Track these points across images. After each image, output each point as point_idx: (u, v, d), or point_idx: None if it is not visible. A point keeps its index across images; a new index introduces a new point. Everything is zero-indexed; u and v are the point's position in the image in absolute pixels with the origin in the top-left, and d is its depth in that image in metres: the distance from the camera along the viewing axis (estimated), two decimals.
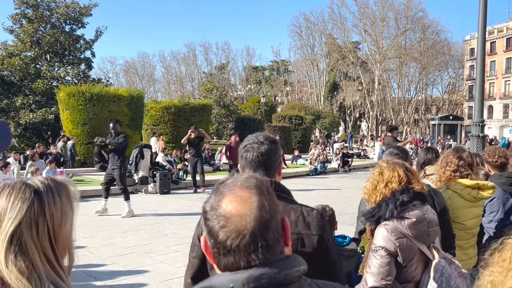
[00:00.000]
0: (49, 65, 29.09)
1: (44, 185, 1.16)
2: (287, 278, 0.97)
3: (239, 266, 0.97)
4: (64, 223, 1.16)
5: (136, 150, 13.89)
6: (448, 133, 41.77)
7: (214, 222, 0.99)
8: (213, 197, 1.03)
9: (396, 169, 2.35)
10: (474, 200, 3.22)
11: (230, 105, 42.59)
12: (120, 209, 10.32)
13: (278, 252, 1.01)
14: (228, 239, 0.97)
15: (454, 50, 65.71)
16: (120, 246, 6.98)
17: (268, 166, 1.88)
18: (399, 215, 2.25)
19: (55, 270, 1.13)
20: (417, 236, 2.26)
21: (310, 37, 66.16)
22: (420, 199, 2.32)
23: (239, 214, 0.97)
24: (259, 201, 0.99)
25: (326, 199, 11.53)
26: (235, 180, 1.05)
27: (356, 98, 64.12)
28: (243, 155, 1.89)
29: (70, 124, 19.22)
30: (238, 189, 1.01)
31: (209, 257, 1.04)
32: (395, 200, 2.26)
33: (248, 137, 1.98)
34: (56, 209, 1.15)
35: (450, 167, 3.29)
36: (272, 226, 1.00)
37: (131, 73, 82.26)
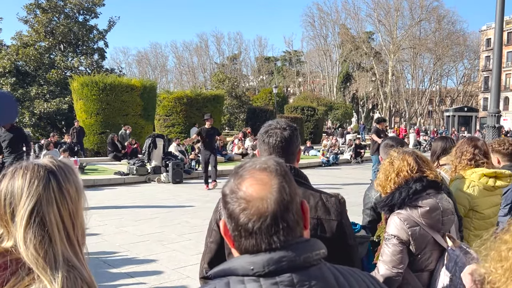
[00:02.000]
0: (63, 55, 29.32)
1: (55, 165, 1.19)
2: (307, 261, 0.97)
3: (260, 249, 0.97)
4: (79, 200, 1.18)
5: (149, 140, 13.99)
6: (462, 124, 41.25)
7: (234, 205, 0.99)
8: (232, 181, 1.03)
9: (406, 157, 2.33)
10: (492, 189, 3.18)
11: (242, 96, 42.52)
12: (133, 198, 10.43)
13: (298, 235, 1.01)
14: (249, 221, 0.97)
15: (470, 41, 64.58)
16: (133, 234, 7.06)
17: (289, 152, 1.90)
18: (413, 204, 2.24)
19: (73, 247, 1.15)
20: (431, 224, 2.25)
21: (323, 27, 65.56)
22: (435, 187, 2.30)
23: (260, 197, 0.97)
24: (279, 184, 0.99)
25: (338, 190, 11.48)
26: (254, 163, 1.05)
27: (369, 89, 63.52)
28: (266, 140, 1.90)
29: (83, 113, 19.41)
30: (258, 172, 1.01)
31: (229, 241, 1.03)
32: (408, 188, 2.25)
33: (269, 122, 1.98)
34: (71, 186, 1.18)
35: (466, 156, 3.24)
36: (293, 208, 1.00)
37: (144, 63, 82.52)
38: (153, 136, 14.34)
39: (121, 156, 17.03)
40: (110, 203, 9.73)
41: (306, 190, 1.85)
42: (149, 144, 13.84)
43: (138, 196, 10.76)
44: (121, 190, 11.65)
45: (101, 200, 9.98)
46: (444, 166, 3.80)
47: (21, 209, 1.10)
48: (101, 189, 11.65)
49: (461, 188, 3.16)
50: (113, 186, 12.28)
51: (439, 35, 59.18)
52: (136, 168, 13.17)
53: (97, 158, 18.01)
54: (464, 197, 3.11)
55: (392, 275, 2.22)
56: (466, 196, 3.11)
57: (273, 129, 1.91)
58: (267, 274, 0.94)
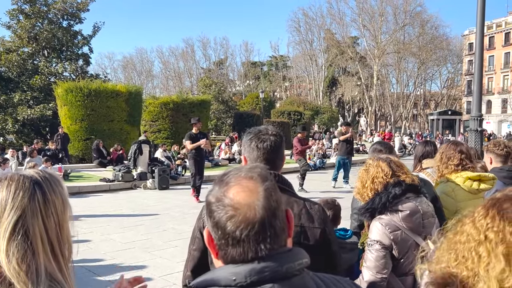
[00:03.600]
0: (47, 60, 28.95)
1: (40, 176, 1.17)
2: (289, 271, 0.97)
3: (246, 257, 0.96)
4: (65, 212, 1.17)
5: (135, 146, 13.89)
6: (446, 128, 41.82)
7: (221, 214, 0.98)
8: (217, 189, 1.02)
9: (380, 164, 2.36)
10: (476, 192, 3.22)
11: (228, 100, 42.47)
12: (119, 205, 10.33)
13: (283, 243, 1.01)
14: (237, 229, 0.96)
15: (453, 45, 65.59)
16: (119, 242, 6.99)
17: (279, 158, 1.93)
18: (393, 208, 2.26)
19: (57, 261, 1.13)
20: (412, 228, 2.27)
21: (309, 32, 65.96)
22: (414, 191, 2.32)
23: (247, 204, 0.97)
24: (266, 191, 0.99)
25: (325, 194, 11.53)
26: (239, 171, 1.04)
27: (355, 93, 64.03)
28: (258, 145, 1.89)
29: (68, 120, 19.18)
30: (244, 179, 1.01)
31: (213, 250, 1.03)
32: (387, 193, 2.27)
33: (257, 128, 1.99)
34: (57, 198, 1.16)
35: (453, 161, 3.28)
36: (279, 215, 1.00)
37: (129, 68, 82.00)
38: (139, 142, 14.23)
39: (106, 163, 16.86)
40: (96, 210, 9.63)
41: (290, 197, 1.85)
42: (135, 150, 13.73)
43: (124, 203, 10.66)
44: (107, 197, 11.54)
45: (86, 207, 9.86)
46: (426, 170, 3.85)
47: (4, 221, 1.08)
48: (86, 196, 11.52)
49: (446, 192, 3.20)
50: (99, 193, 12.15)
51: (423, 39, 59.98)
52: (121, 175, 13.05)
53: (82, 164, 17.80)
54: (449, 201, 3.14)
55: (377, 280, 2.23)
56: (450, 200, 3.15)
57: (265, 135, 1.92)
58: (250, 285, 0.94)
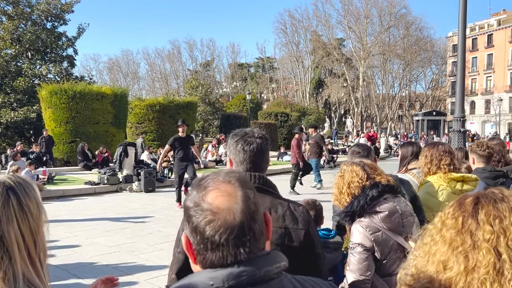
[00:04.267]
0: (31, 62, 28.58)
1: (13, 181, 1.15)
2: (267, 274, 0.97)
3: (225, 261, 0.96)
4: (40, 216, 1.15)
5: (120, 148, 13.77)
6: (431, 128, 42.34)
7: (199, 218, 0.97)
8: (195, 193, 1.01)
9: (354, 168, 2.39)
10: (460, 193, 3.27)
11: (215, 102, 42.43)
12: (104, 208, 10.23)
13: (262, 246, 1.01)
14: (216, 233, 0.96)
15: (437, 47, 66.50)
16: (104, 245, 6.92)
17: (265, 160, 1.94)
18: (372, 210, 2.28)
19: (34, 266, 1.12)
20: (392, 228, 2.29)
21: (295, 34, 66.24)
22: (391, 191, 2.35)
23: (226, 208, 0.97)
24: (244, 195, 0.99)
25: (312, 195, 11.56)
26: (216, 175, 1.04)
27: (341, 95, 64.47)
28: (245, 148, 1.89)
29: (52, 122, 18.95)
30: (222, 183, 1.01)
31: (191, 256, 1.02)
32: (365, 196, 2.29)
33: (243, 130, 1.99)
34: (32, 202, 1.15)
35: (445, 161, 3.32)
36: (258, 219, 1.01)
37: (115, 70, 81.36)
38: (125, 144, 14.12)
39: (91, 165, 16.69)
40: (80, 214, 9.51)
41: (275, 199, 1.85)
42: (120, 153, 13.62)
43: (109, 206, 10.56)
44: (92, 200, 11.42)
45: (71, 211, 9.74)
46: (412, 171, 3.90)
47: None
48: (71, 200, 11.38)
49: (430, 192, 3.24)
50: (84, 196, 12.00)
51: (408, 41, 60.68)
52: (107, 177, 12.93)
53: (66, 167, 17.58)
54: (433, 201, 3.18)
55: (360, 282, 2.25)
56: (435, 200, 3.19)
57: (251, 137, 1.92)
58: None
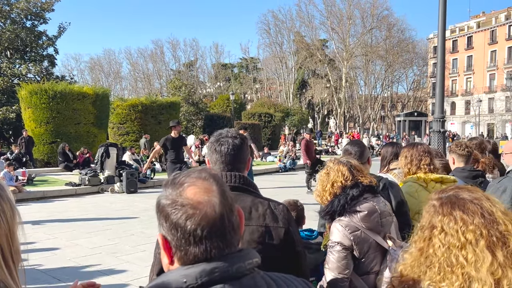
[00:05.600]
0: (10, 62, 28.03)
1: None
2: (239, 271, 0.98)
3: (209, 254, 0.97)
4: (14, 217, 1.13)
5: (102, 148, 13.62)
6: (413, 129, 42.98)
7: (178, 214, 0.98)
8: (171, 191, 1.02)
9: (340, 168, 2.41)
10: None
11: (199, 102, 42.21)
12: (85, 210, 10.10)
13: (239, 239, 1.03)
14: (198, 227, 0.97)
15: (418, 48, 67.46)
16: (85, 247, 6.83)
17: (241, 160, 1.94)
18: (351, 209, 2.32)
19: (8, 268, 1.10)
20: (371, 227, 2.33)
21: (279, 35, 66.46)
22: (371, 191, 2.39)
23: (205, 201, 0.98)
24: (220, 189, 1.02)
25: (295, 195, 11.62)
26: (189, 173, 1.05)
27: (324, 96, 64.90)
28: (217, 149, 1.92)
29: (32, 123, 18.62)
30: (197, 180, 1.02)
31: (168, 254, 1.02)
32: (346, 195, 2.33)
33: (219, 131, 2.01)
34: (5, 203, 1.12)
35: (425, 161, 3.38)
36: (235, 211, 1.04)
37: (97, 70, 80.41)
38: (106, 145, 13.97)
39: (72, 166, 16.46)
40: (61, 215, 9.37)
41: (255, 198, 1.87)
42: (102, 153, 13.46)
43: (91, 207, 10.43)
44: (73, 202, 11.26)
45: (51, 212, 9.60)
46: (393, 171, 3.95)
47: None
48: (51, 201, 11.20)
49: (410, 192, 3.29)
50: (64, 197, 11.83)
51: (390, 42, 61.41)
52: (88, 178, 12.76)
53: (47, 168, 17.30)
54: (412, 201, 3.23)
55: (339, 281, 2.27)
56: (414, 200, 3.24)
57: (224, 137, 1.93)
58: (200, 286, 0.94)
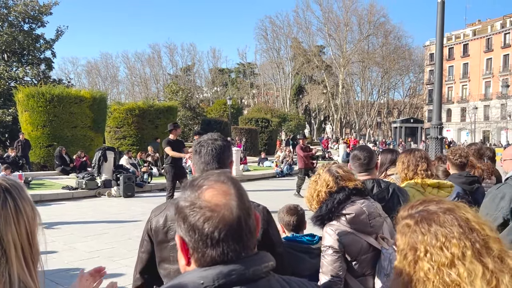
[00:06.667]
0: (7, 65, 27.99)
1: (8, 183, 1.15)
2: (256, 273, 1.00)
3: (226, 257, 0.99)
4: (35, 219, 1.15)
5: (99, 152, 13.61)
6: (409, 135, 43.09)
7: (197, 216, 0.99)
8: (189, 193, 1.03)
9: (326, 178, 2.46)
10: None
11: (196, 107, 42.27)
12: (82, 214, 10.08)
13: (255, 243, 1.05)
14: (215, 229, 0.98)
15: (415, 55, 67.89)
16: (82, 251, 6.82)
17: (221, 160, 1.99)
18: (339, 213, 2.36)
19: (29, 268, 1.11)
20: (360, 229, 2.36)
21: (276, 41, 66.73)
22: (358, 194, 2.42)
23: (223, 204, 1.00)
24: (238, 192, 1.03)
25: (293, 200, 11.63)
26: (208, 176, 1.07)
27: (321, 101, 65.10)
28: (197, 150, 2.00)
29: (29, 126, 18.58)
30: (215, 183, 1.04)
31: (185, 255, 1.03)
32: (332, 200, 2.38)
33: (202, 136, 2.11)
34: (27, 204, 1.15)
35: (422, 167, 3.42)
36: (252, 214, 1.04)
37: (94, 74, 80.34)
38: (104, 148, 13.95)
39: (69, 170, 16.42)
40: (58, 219, 9.34)
41: None
42: (99, 157, 13.46)
43: (88, 211, 10.41)
44: (70, 205, 11.24)
45: (48, 216, 9.55)
46: (391, 176, 3.99)
47: None
48: (48, 205, 11.16)
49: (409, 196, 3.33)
50: (61, 201, 11.80)
51: (386, 49, 61.77)
52: (85, 182, 12.74)
53: (43, 172, 17.24)
54: None
55: (332, 283, 2.31)
56: None
57: (205, 140, 2.02)
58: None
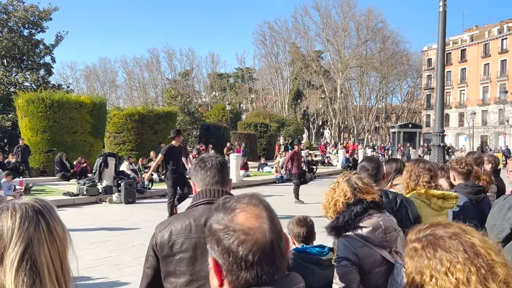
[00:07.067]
0: (6, 70, 27.98)
1: (40, 205, 1.18)
2: None
3: (260, 280, 1.01)
4: (66, 239, 1.18)
5: (100, 159, 13.60)
6: (407, 140, 43.11)
7: (231, 239, 1.02)
8: (222, 215, 1.06)
9: (344, 188, 2.48)
10: (440, 210, 3.42)
11: (195, 112, 42.26)
12: (84, 220, 10.08)
13: (286, 264, 1.08)
14: (249, 253, 1.00)
15: (413, 60, 68.12)
16: (87, 259, 6.81)
17: (224, 175, 2.10)
18: (356, 225, 2.39)
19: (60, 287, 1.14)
20: (376, 243, 2.39)
21: (274, 46, 66.92)
22: (375, 207, 2.45)
23: (256, 227, 1.02)
24: (270, 215, 1.06)
25: (293, 207, 11.67)
26: (239, 198, 1.10)
27: (319, 106, 65.23)
28: (201, 165, 2.10)
29: (29, 131, 18.58)
30: (247, 205, 1.07)
31: (218, 277, 1.05)
32: (350, 211, 2.40)
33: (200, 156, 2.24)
34: (58, 226, 1.17)
35: (424, 178, 3.46)
36: (283, 237, 1.08)
37: (92, 78, 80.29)
38: (105, 155, 13.96)
39: (69, 176, 16.42)
40: None
41: None
42: (100, 163, 13.45)
43: (89, 218, 10.41)
44: (71, 212, 11.22)
45: None
46: (396, 186, 4.02)
47: (11, 251, 1.08)
48: None
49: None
50: (62, 207, 11.75)
51: (384, 54, 62.00)
52: (86, 188, 12.73)
53: (44, 178, 17.22)
54: None
55: None
56: None
57: (207, 158, 2.14)
58: None
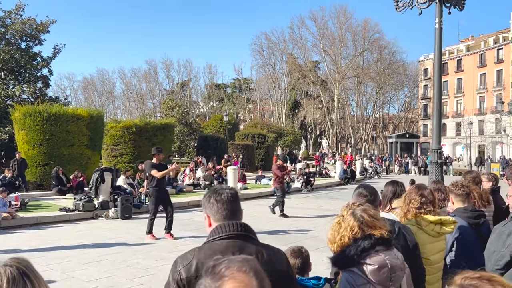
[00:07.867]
0: (3, 83, 27.95)
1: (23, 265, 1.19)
2: None
3: None
4: None
5: (97, 173, 13.51)
6: (405, 150, 43.21)
7: None
8: (209, 282, 1.02)
9: (351, 224, 2.39)
10: (437, 235, 3.37)
11: (192, 123, 42.25)
12: (80, 237, 9.97)
13: None
14: None
15: (409, 70, 68.57)
16: (81, 280, 6.71)
17: (238, 208, 2.12)
18: (361, 261, 2.31)
19: None
20: (380, 282, 2.32)
21: (272, 56, 67.32)
22: (384, 244, 2.37)
23: None
24: (259, 284, 1.04)
25: (292, 221, 11.58)
26: (230, 263, 1.06)
27: (317, 116, 65.42)
28: (217, 198, 2.07)
29: (26, 144, 18.49)
30: (237, 273, 1.03)
31: None
32: (356, 246, 2.33)
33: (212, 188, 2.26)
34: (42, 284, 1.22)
35: (413, 205, 3.45)
36: None
37: (90, 89, 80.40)
38: (101, 169, 13.88)
39: (66, 190, 16.31)
40: (55, 243, 9.22)
41: (257, 246, 2.01)
42: (97, 178, 13.36)
43: (85, 235, 10.29)
44: (67, 228, 11.12)
45: (45, 240, 9.45)
46: (395, 210, 3.98)
47: None
48: (45, 228, 11.04)
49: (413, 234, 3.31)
50: (58, 223, 11.67)
51: (381, 65, 62.37)
52: (82, 204, 12.62)
53: (40, 192, 17.08)
54: None
55: None
56: None
57: (220, 189, 2.13)
58: None
